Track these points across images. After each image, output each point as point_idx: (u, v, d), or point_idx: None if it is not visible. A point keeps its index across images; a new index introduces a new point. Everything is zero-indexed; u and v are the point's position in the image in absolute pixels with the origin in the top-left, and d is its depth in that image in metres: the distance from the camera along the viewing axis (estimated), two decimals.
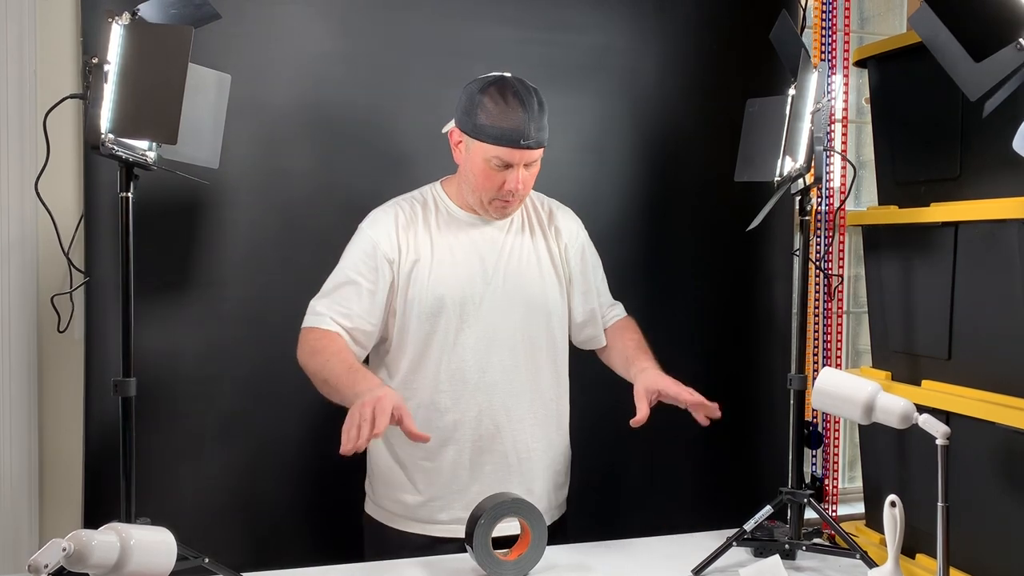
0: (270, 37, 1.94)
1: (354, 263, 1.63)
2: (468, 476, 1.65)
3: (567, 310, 1.75)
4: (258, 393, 1.93)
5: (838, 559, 1.62)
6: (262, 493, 1.90)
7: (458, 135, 1.62)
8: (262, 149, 1.94)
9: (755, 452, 2.28)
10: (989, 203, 1.62)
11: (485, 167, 1.57)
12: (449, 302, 1.62)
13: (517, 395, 1.67)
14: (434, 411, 1.63)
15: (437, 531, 1.66)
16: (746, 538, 1.61)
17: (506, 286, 1.66)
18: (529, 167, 1.60)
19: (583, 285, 1.77)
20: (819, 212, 2.39)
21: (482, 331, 1.64)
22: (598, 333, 1.80)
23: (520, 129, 1.53)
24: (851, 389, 1.41)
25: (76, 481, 1.89)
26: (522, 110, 1.54)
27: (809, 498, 1.64)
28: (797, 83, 1.63)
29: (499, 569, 1.50)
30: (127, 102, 1.32)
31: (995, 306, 1.63)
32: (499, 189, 1.59)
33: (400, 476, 1.67)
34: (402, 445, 1.65)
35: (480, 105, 1.55)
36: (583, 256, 1.78)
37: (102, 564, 1.05)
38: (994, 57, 1.23)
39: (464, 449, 1.65)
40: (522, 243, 1.70)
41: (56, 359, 1.90)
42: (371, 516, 1.73)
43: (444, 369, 1.63)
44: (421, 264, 1.62)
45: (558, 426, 1.76)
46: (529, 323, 1.68)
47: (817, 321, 2.43)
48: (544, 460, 1.72)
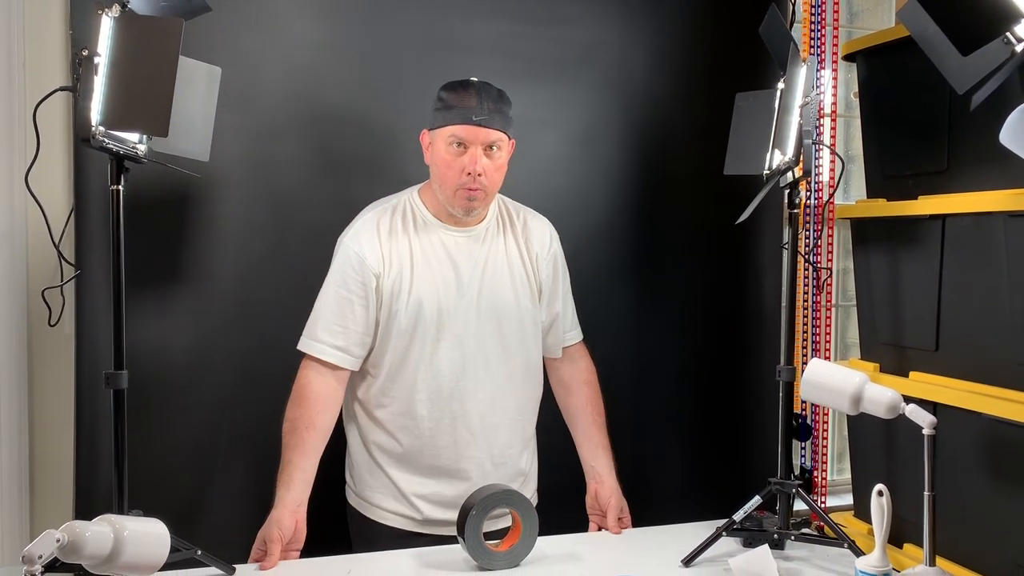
0: (262, 29, 1.93)
1: (344, 280, 1.65)
2: (445, 480, 1.69)
3: (539, 318, 1.78)
4: (249, 385, 1.93)
5: (826, 548, 1.64)
6: (253, 485, 1.90)
7: (427, 137, 1.69)
8: (254, 142, 1.93)
9: (744, 444, 2.30)
10: (976, 196, 1.63)
11: (446, 153, 1.62)
12: (427, 312, 1.65)
13: (492, 403, 1.70)
14: (410, 418, 1.67)
15: (418, 528, 1.70)
16: (735, 528, 1.63)
17: (480, 296, 1.69)
18: (491, 156, 1.63)
19: (551, 293, 1.80)
20: (808, 206, 2.41)
21: (457, 340, 1.67)
22: (557, 343, 1.84)
23: (473, 107, 1.60)
24: (839, 380, 1.43)
25: (67, 476, 1.89)
26: (475, 93, 1.62)
27: (797, 488, 1.65)
28: (786, 77, 1.64)
29: (491, 560, 1.52)
30: (118, 95, 1.31)
31: (981, 298, 1.64)
32: (461, 174, 1.61)
33: (381, 477, 1.70)
34: (380, 448, 1.70)
35: (438, 97, 1.65)
36: (555, 265, 1.81)
37: (96, 555, 1.05)
38: (981, 51, 1.24)
39: (440, 455, 1.68)
40: (496, 253, 1.72)
41: (47, 353, 1.89)
42: (355, 508, 1.75)
43: (421, 377, 1.66)
44: (403, 277, 1.65)
45: (532, 432, 1.80)
46: (503, 333, 1.71)
47: (806, 314, 2.45)
48: (520, 464, 1.76)
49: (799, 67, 1.63)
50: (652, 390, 2.24)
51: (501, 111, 1.64)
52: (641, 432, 2.22)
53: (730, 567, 1.49)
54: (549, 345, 1.83)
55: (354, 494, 1.75)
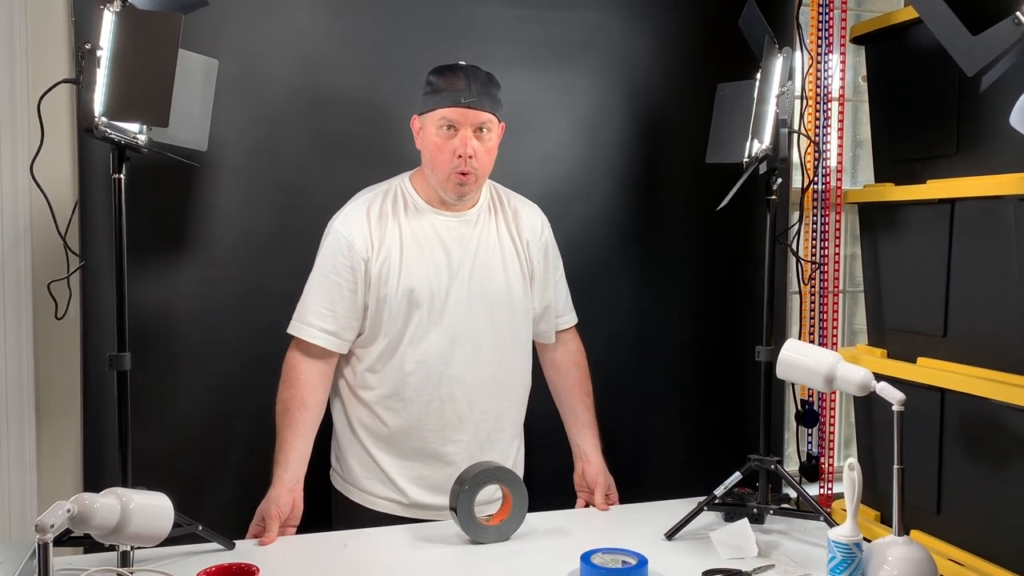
0: (264, 17, 1.93)
1: (333, 264, 1.66)
2: (432, 464, 1.70)
3: (531, 305, 1.78)
4: (253, 368, 1.94)
5: (804, 522, 1.68)
6: (257, 464, 1.91)
7: (417, 122, 1.69)
8: (256, 129, 1.94)
9: (741, 427, 2.30)
10: (985, 180, 1.61)
11: (436, 137, 1.63)
12: (417, 296, 1.65)
13: (481, 387, 1.71)
14: (399, 401, 1.68)
15: (404, 512, 1.71)
16: (716, 503, 1.65)
17: (471, 281, 1.69)
18: (481, 139, 1.63)
19: (543, 281, 1.81)
20: (815, 192, 2.39)
21: (447, 325, 1.67)
22: (549, 330, 1.85)
23: (461, 89, 1.61)
24: (813, 359, 1.48)
25: (74, 464, 1.91)
26: (464, 75, 1.63)
27: (776, 464, 1.68)
28: (763, 67, 1.67)
29: (482, 534, 1.55)
30: (119, 86, 1.34)
31: (990, 283, 1.63)
32: (452, 157, 1.62)
33: (367, 460, 1.71)
34: (367, 430, 1.71)
35: (427, 82, 1.66)
36: (546, 252, 1.81)
37: (104, 525, 1.10)
38: (991, 31, 1.23)
39: (428, 439, 1.69)
40: (487, 237, 1.72)
41: (53, 341, 1.91)
42: (339, 491, 1.76)
43: (410, 361, 1.67)
44: (392, 260, 1.66)
45: (520, 417, 1.81)
46: (493, 317, 1.71)
47: (813, 300, 2.43)
48: (508, 450, 1.77)
49: (775, 58, 1.67)
50: (650, 374, 2.25)
51: (490, 93, 1.64)
52: (639, 416, 2.23)
53: (711, 539, 1.53)
54: (542, 332, 1.84)
55: (340, 478, 1.76)
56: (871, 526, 1.91)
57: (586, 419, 1.85)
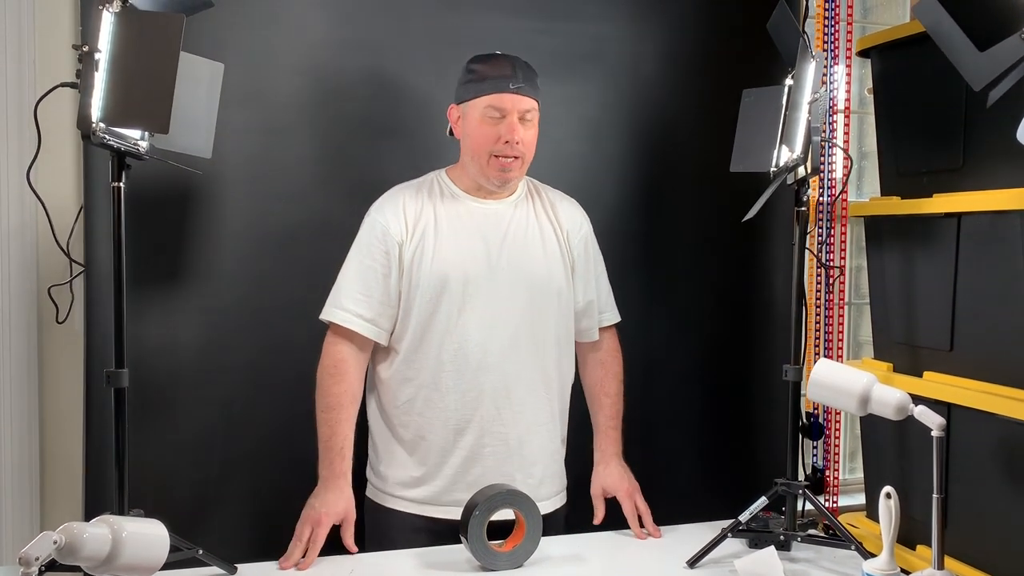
0: (269, 24, 1.92)
1: (368, 249, 1.65)
2: (468, 457, 1.65)
3: (572, 294, 1.75)
4: (257, 383, 1.92)
5: (833, 550, 1.62)
6: (260, 483, 1.90)
7: (456, 111, 1.68)
8: (261, 137, 1.93)
9: (754, 444, 2.27)
10: (992, 194, 1.60)
11: (481, 123, 1.62)
12: (452, 282, 1.62)
13: (519, 377, 1.66)
14: (435, 391, 1.64)
15: (438, 512, 1.66)
16: (741, 529, 1.61)
17: (510, 266, 1.66)
18: (525, 124, 1.62)
19: (584, 275, 1.77)
20: (820, 203, 2.37)
21: (485, 311, 1.64)
22: (592, 327, 1.80)
23: (508, 75, 1.61)
24: (846, 381, 1.41)
25: (77, 474, 1.89)
26: (507, 61, 1.63)
27: (804, 489, 1.63)
28: (795, 73, 1.62)
29: (494, 560, 1.50)
30: (118, 91, 1.30)
31: (997, 297, 1.61)
32: (496, 142, 1.61)
33: (402, 455, 1.67)
34: (404, 425, 1.67)
35: (469, 70, 1.65)
36: (586, 246, 1.78)
37: (94, 557, 1.05)
38: (998, 47, 1.22)
39: (464, 430, 1.65)
40: (527, 223, 1.70)
41: (56, 350, 1.90)
42: (371, 499, 1.73)
43: (447, 349, 1.63)
44: (426, 244, 1.64)
45: (561, 411, 1.76)
46: (533, 304, 1.67)
47: (818, 312, 2.42)
48: (546, 444, 1.71)
49: (808, 63, 1.60)
50: (661, 387, 2.22)
51: (532, 80, 1.65)
52: (650, 430, 2.20)
53: (736, 569, 1.48)
54: (583, 329, 1.80)
55: (373, 487, 1.72)
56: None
57: (599, 420, 1.80)
